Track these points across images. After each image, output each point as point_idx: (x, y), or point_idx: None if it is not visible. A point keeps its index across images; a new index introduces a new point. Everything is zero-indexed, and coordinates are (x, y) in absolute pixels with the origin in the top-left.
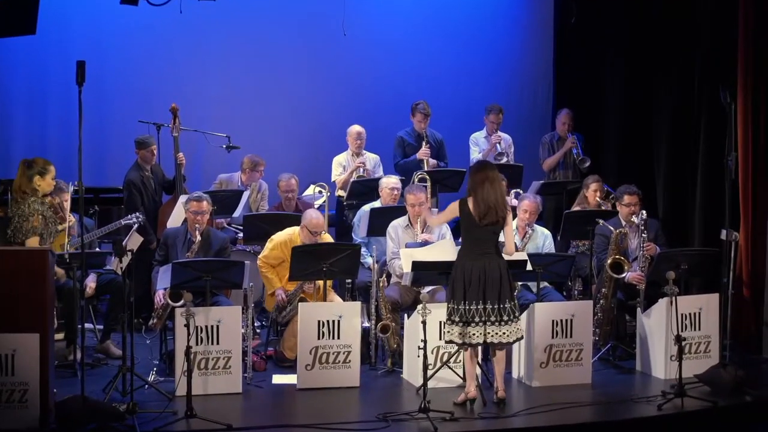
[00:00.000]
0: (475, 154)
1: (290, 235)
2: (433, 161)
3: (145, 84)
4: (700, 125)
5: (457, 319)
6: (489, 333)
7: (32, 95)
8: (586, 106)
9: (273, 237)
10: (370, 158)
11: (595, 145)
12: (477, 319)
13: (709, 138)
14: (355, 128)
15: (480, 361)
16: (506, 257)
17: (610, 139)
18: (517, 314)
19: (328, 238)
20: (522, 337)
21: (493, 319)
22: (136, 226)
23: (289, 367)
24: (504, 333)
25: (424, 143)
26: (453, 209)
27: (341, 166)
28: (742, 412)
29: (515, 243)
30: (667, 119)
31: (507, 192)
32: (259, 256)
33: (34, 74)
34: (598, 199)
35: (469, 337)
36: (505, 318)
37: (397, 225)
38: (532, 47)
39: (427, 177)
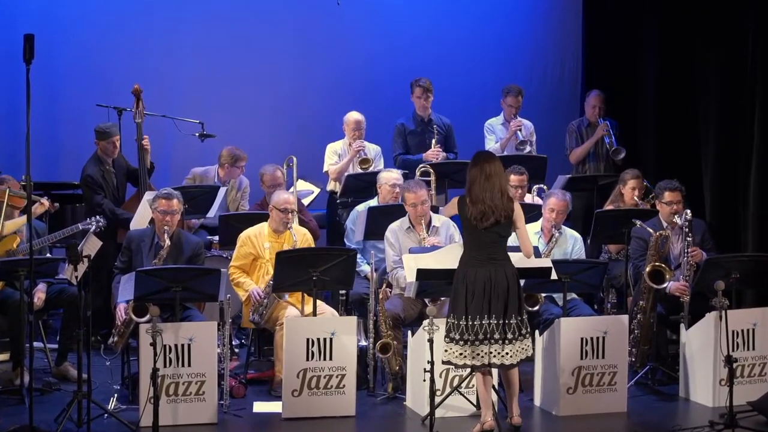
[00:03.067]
0: (492, 144)
1: (260, 227)
2: (443, 155)
3: (104, 62)
4: (754, 108)
5: (457, 336)
6: (492, 353)
7: None
8: (621, 87)
9: (241, 234)
10: (370, 149)
11: (630, 133)
12: (482, 337)
13: (765, 124)
14: (354, 115)
15: (496, 386)
16: (518, 265)
17: (648, 125)
18: (524, 331)
19: (302, 231)
20: (529, 357)
21: (497, 336)
22: (93, 228)
23: (274, 393)
24: (507, 353)
25: (434, 142)
26: (453, 205)
27: (336, 155)
28: None
29: (539, 248)
30: (715, 101)
31: (528, 188)
32: (230, 264)
33: None
34: (636, 198)
35: (472, 357)
36: (509, 336)
37: (395, 229)
38: (557, 19)
39: (432, 171)
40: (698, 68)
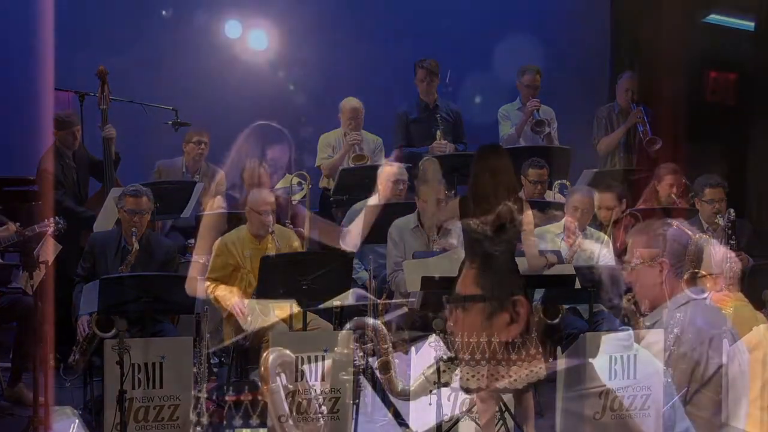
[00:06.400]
0: (507, 130)
1: (238, 231)
2: (450, 146)
3: (63, 40)
4: None
5: (452, 355)
6: (494, 375)
7: None
8: (656, 69)
9: (216, 241)
10: (369, 140)
11: (666, 121)
12: (478, 357)
13: None
14: (350, 102)
15: (512, 411)
16: (534, 271)
17: (687, 112)
18: (532, 351)
19: (287, 235)
20: (539, 379)
21: (499, 357)
22: (51, 230)
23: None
24: (512, 377)
25: (438, 135)
26: (453, 208)
27: (330, 147)
28: None
29: (561, 252)
30: (764, 84)
31: (549, 184)
32: (206, 276)
33: None
34: (673, 196)
35: (466, 380)
36: (513, 357)
37: (401, 226)
38: None
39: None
40: (746, 45)
